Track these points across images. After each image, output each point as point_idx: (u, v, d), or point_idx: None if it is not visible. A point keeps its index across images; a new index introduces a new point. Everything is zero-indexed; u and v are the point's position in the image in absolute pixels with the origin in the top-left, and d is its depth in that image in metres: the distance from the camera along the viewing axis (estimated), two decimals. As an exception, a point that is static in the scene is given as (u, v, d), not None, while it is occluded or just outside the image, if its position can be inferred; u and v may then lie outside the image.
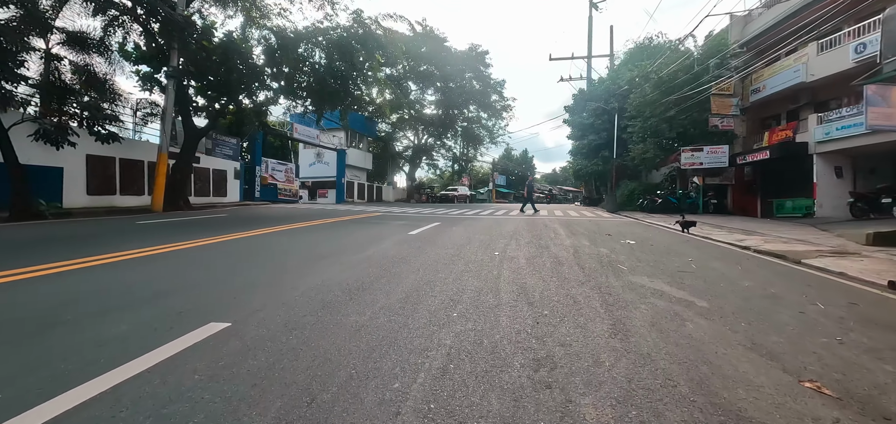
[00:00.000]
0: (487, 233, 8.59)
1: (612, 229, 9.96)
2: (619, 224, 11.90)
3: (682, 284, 4.11)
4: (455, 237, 7.72)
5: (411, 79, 44.38)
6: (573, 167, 34.52)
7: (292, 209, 17.24)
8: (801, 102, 16.40)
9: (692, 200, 18.20)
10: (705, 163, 17.87)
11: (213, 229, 8.38)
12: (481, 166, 74.34)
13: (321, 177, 34.23)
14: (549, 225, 10.79)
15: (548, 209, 20.89)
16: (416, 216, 13.90)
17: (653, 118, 19.56)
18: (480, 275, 4.39)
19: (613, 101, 26.85)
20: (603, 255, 5.86)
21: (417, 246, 6.50)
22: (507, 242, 7.19)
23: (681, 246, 7.19)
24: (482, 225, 10.64)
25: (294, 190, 27.40)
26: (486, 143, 48.50)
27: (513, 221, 12.43)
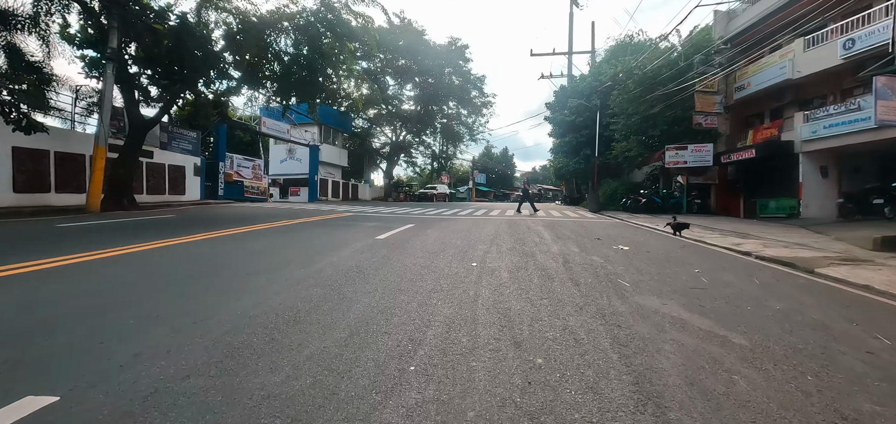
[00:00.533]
0: (465, 237, 7.75)
1: (600, 232, 9.28)
2: (606, 226, 11.27)
3: (702, 307, 3.36)
4: (428, 243, 6.85)
5: (389, 73, 43.22)
6: (554, 166, 34.15)
7: (256, 209, 16.01)
8: (786, 100, 16.22)
9: (676, 199, 17.87)
10: (689, 162, 17.54)
11: (144, 235, 7.24)
12: (461, 164, 73.77)
13: (293, 174, 32.75)
14: (533, 228, 10.04)
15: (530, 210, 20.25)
16: (389, 217, 12.96)
17: (636, 116, 19.14)
18: (453, 297, 3.53)
19: (595, 97, 26.49)
20: (597, 266, 5.09)
21: (382, 255, 5.60)
22: (486, 248, 6.36)
23: (679, 252, 6.52)
24: (460, 227, 9.80)
25: (262, 188, 25.95)
26: (465, 140, 47.75)
27: (493, 222, 11.64)
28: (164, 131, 17.87)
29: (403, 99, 43.70)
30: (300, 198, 31.47)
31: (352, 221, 11.27)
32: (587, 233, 8.98)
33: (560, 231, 9.20)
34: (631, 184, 22.80)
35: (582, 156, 27.63)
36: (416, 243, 6.88)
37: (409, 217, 13.07)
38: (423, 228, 9.53)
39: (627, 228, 10.95)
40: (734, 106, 18.56)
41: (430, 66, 39.19)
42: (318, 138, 32.47)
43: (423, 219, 12.46)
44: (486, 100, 42.07)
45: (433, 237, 7.63)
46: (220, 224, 9.34)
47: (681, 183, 18.07)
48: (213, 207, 16.75)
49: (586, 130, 26.88)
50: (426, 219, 12.49)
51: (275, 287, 3.72)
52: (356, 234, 8.05)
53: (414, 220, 11.93)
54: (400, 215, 14.46)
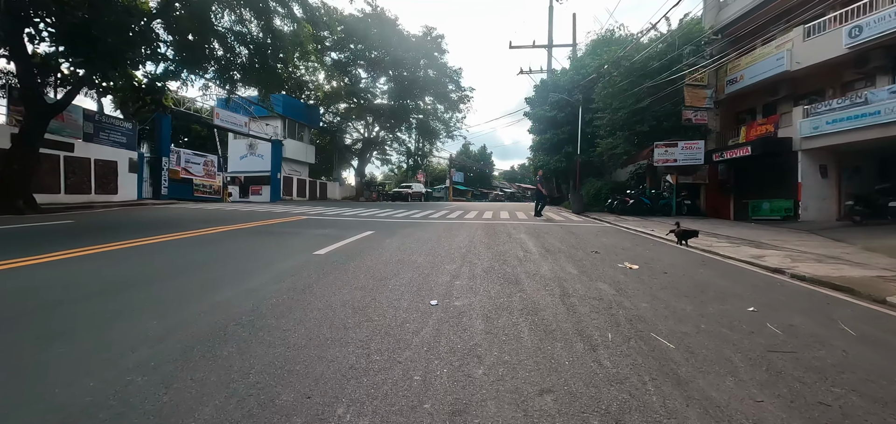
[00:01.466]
0: (431, 251, 6.19)
1: (594, 242, 7.88)
2: (598, 233, 9.92)
3: (825, 408, 1.89)
4: (380, 261, 5.25)
5: (361, 66, 41.22)
6: (534, 164, 32.98)
7: (195, 211, 14.01)
8: (781, 95, 15.35)
9: (665, 200, 16.83)
10: (680, 159, 16.51)
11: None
12: (439, 162, 72.18)
13: (254, 171, 30.44)
14: (514, 236, 8.57)
15: (509, 211, 18.88)
16: (349, 221, 11.27)
17: (622, 110, 18.01)
18: (381, 389, 1.94)
19: (577, 92, 25.40)
20: (610, 301, 3.61)
21: (306, 284, 3.97)
22: (456, 269, 4.82)
23: (703, 273, 5.14)
24: (428, 235, 8.23)
25: (216, 186, 23.66)
26: (442, 137, 46.16)
27: (468, 228, 10.12)
28: (90, 121, 15.55)
29: (377, 93, 41.82)
30: (262, 197, 29.26)
31: (300, 227, 9.54)
32: (580, 244, 7.56)
33: (547, 241, 7.75)
34: (615, 183, 21.76)
35: (563, 154, 26.50)
36: (365, 261, 5.27)
37: (372, 221, 11.41)
38: (383, 236, 7.91)
39: (623, 235, 9.62)
40: (725, 101, 17.68)
41: (403, 57, 37.47)
42: (281, 133, 30.26)
43: (388, 223, 10.83)
44: (463, 94, 40.65)
45: (390, 251, 6.04)
46: (116, 234, 7.45)
47: (670, 183, 17.06)
48: (142, 209, 14.62)
49: (568, 126, 25.77)
50: (392, 223, 10.87)
51: (66, 372, 2.05)
52: (293, 247, 6.37)
53: (377, 225, 10.29)
54: (364, 217, 12.78)
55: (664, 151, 16.60)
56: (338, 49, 40.34)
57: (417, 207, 22.43)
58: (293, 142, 32.03)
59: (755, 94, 16.33)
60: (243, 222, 10.27)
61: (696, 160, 16.43)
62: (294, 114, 31.50)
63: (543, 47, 31.85)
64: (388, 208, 19.07)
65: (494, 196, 72.59)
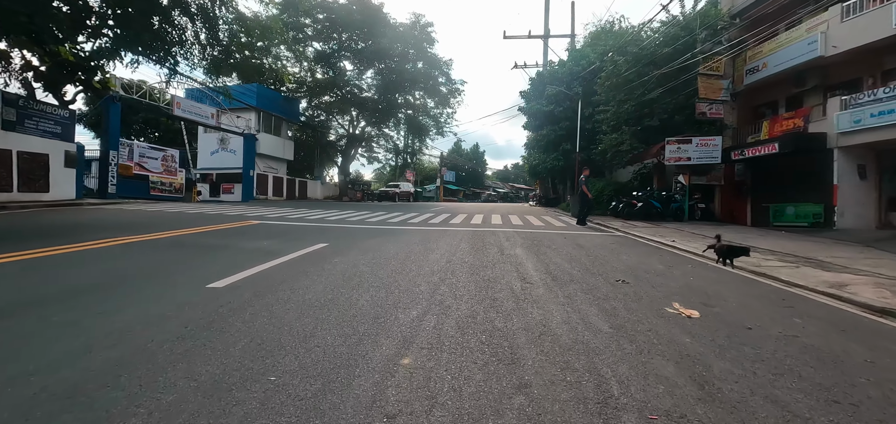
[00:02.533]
0: (389, 281, 4.35)
1: (613, 261, 6.10)
2: (612, 246, 8.15)
3: None
4: (295, 307, 3.39)
5: (347, 57, 39.16)
6: (528, 162, 31.25)
7: (134, 214, 12.02)
8: (809, 85, 13.76)
9: (678, 203, 15.14)
10: (694, 158, 14.85)
11: None
12: (430, 160, 70.26)
13: (226, 168, 28.30)
14: (508, 251, 6.76)
15: (501, 214, 17.10)
16: (307, 229, 9.39)
17: (629, 102, 16.33)
18: None
19: (577, 84, 23.73)
20: (698, 420, 1.79)
21: (105, 373, 2.10)
22: (416, 320, 3.00)
23: (797, 326, 3.35)
24: (395, 250, 6.39)
25: (177, 184, 21.54)
26: (432, 134, 44.24)
27: (450, 239, 8.29)
28: (11, 106, 13.41)
29: (363, 87, 39.77)
30: (234, 197, 27.17)
31: (238, 237, 7.64)
32: (596, 264, 5.76)
33: (551, 259, 5.95)
34: (618, 184, 20.08)
35: (560, 151, 24.79)
36: (275, 303, 3.41)
37: (337, 228, 9.53)
38: (335, 252, 6.05)
39: (645, 250, 7.86)
40: (742, 93, 16.06)
41: (390, 48, 35.51)
42: (255, 126, 28.18)
43: (354, 231, 8.96)
44: (454, 87, 38.77)
45: (327, 282, 4.18)
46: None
47: (682, 184, 15.39)
48: (67, 211, 12.57)
49: (566, 121, 24.07)
50: (358, 231, 9.00)
51: None
52: (199, 270, 4.53)
53: (339, 233, 8.42)
54: (330, 222, 10.89)
55: (676, 148, 14.92)
56: (321, 39, 38.31)
57: (401, 208, 20.57)
58: (269, 137, 29.92)
59: (778, 85, 14.73)
60: (178, 228, 8.34)
61: (713, 159, 14.78)
62: (270, 106, 29.38)
63: (539, 38, 30.14)
64: (366, 211, 17.18)
65: (487, 196, 70.94)
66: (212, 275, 4.28)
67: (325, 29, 36.26)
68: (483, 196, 71.18)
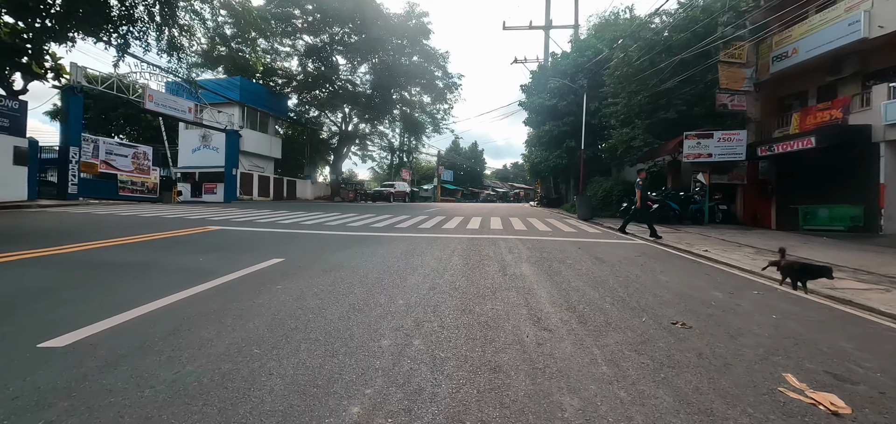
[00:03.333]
0: (341, 330, 2.95)
1: (650, 284, 4.69)
2: (640, 260, 6.75)
3: None
4: (139, 405, 1.98)
5: (340, 52, 37.72)
6: (529, 161, 29.82)
7: (82, 218, 10.60)
8: (845, 73, 12.39)
9: (698, 205, 13.76)
10: (716, 154, 13.47)
11: None
12: (427, 159, 68.80)
13: (208, 166, 26.82)
14: (511, 268, 5.36)
15: (501, 216, 15.72)
16: (272, 237, 7.97)
17: (642, 93, 14.96)
18: None
19: (582, 76, 22.35)
20: None
21: None
22: (364, 418, 1.60)
23: None
24: (366, 270, 4.99)
25: (151, 183, 20.07)
26: (428, 131, 42.81)
27: (439, 251, 6.90)
28: (-54, 95, 12.00)
29: (357, 82, 38.31)
30: (216, 197, 25.73)
31: (171, 250, 6.22)
32: (629, 290, 4.35)
33: (570, 283, 4.55)
34: (628, 184, 18.69)
35: (564, 149, 23.42)
36: (107, 394, 2.00)
37: (307, 236, 8.12)
38: (287, 273, 4.64)
39: (683, 266, 6.46)
40: (767, 83, 14.68)
41: (384, 40, 34.10)
42: (239, 122, 26.72)
43: (326, 239, 7.55)
44: (451, 81, 37.32)
45: (238, 338, 2.76)
46: None
47: (702, 183, 14.01)
48: (3, 216, 11.16)
49: (570, 116, 22.70)
50: (333, 239, 7.59)
51: None
52: (45, 315, 3.10)
53: (308, 241, 7.01)
54: (304, 227, 9.47)
55: (696, 143, 13.54)
56: (312, 32, 36.86)
57: (393, 210, 19.17)
58: (254, 133, 28.45)
59: (809, 73, 13.35)
60: (111, 237, 6.93)
61: (736, 155, 13.40)
62: (255, 101, 27.88)
63: (540, 29, 28.77)
64: (353, 212, 15.77)
65: (485, 196, 69.56)
66: (67, 321, 2.86)
67: (315, 21, 34.87)
68: (482, 196, 69.79)
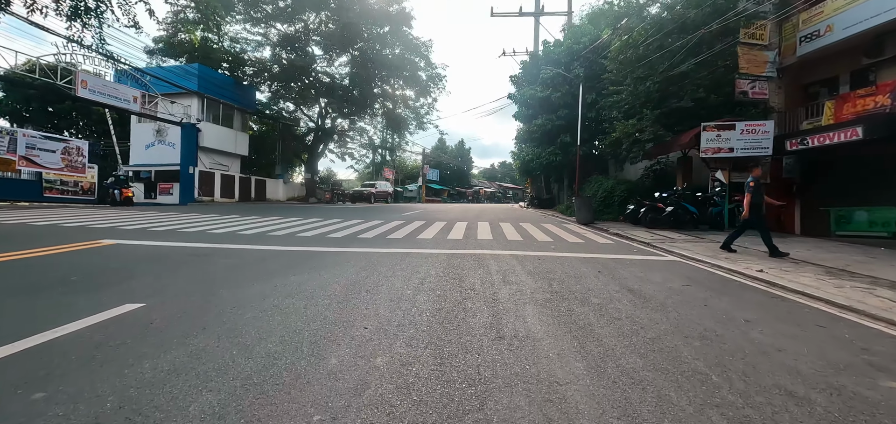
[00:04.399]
0: None
1: (751, 353, 2.77)
2: (688, 289, 4.86)
3: None
4: None
5: (316, 42, 35.39)
6: (519, 158, 27.99)
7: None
8: (885, 54, 10.80)
9: (718, 207, 12.04)
10: (738, 148, 11.76)
11: None
12: (413, 158, 66.66)
13: (164, 164, 24.36)
14: (510, 318, 3.41)
15: (490, 221, 13.83)
16: (182, 253, 5.89)
17: (651, 79, 13.22)
18: None
19: (577, 65, 20.63)
20: None
21: None
22: None
23: None
24: (249, 342, 2.99)
25: (86, 183, 17.65)
26: (412, 127, 40.74)
27: (403, 276, 4.93)
28: None
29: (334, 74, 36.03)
30: (173, 198, 23.32)
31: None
32: (726, 377, 2.43)
33: (619, 364, 2.60)
34: (630, 183, 16.98)
35: (558, 144, 21.65)
36: None
37: (228, 252, 6.05)
38: (121, 343, 2.62)
39: (766, 305, 4.59)
40: (790, 68, 13.08)
41: (362, 28, 31.95)
42: (198, 115, 24.31)
43: (246, 260, 5.50)
44: (435, 73, 35.28)
45: None
46: None
47: (722, 182, 12.30)
48: None
49: (564, 109, 20.95)
50: (255, 259, 5.54)
51: None
52: None
53: (211, 267, 4.96)
54: (240, 238, 7.40)
55: (715, 136, 11.81)
56: (284, 19, 34.49)
57: (366, 213, 17.13)
58: (216, 128, 26.02)
59: (841, 55, 11.76)
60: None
61: (762, 150, 11.71)
62: (217, 92, 25.42)
63: (531, 15, 27.00)
64: (317, 217, 13.69)
65: (473, 196, 67.78)
66: None
67: (287, 7, 32.54)
68: (469, 196, 68.00)
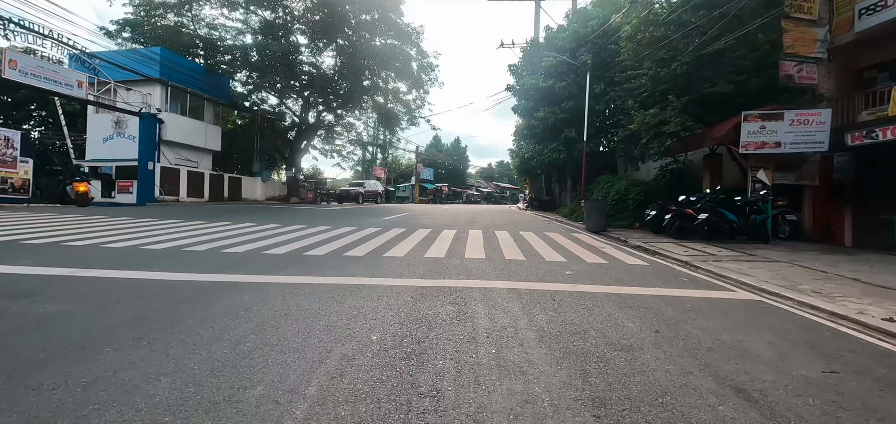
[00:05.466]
0: None
1: None
2: (802, 356, 2.76)
3: None
4: None
5: (301, 31, 33.24)
6: (518, 156, 25.93)
7: None
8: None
9: (762, 216, 10.01)
10: (787, 142, 9.79)
11: None
12: (406, 156, 64.47)
13: (125, 159, 22.17)
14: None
15: (483, 228, 11.82)
16: (24, 282, 3.79)
17: (678, 61, 11.23)
18: None
19: (583, 51, 18.65)
20: None
21: None
22: None
23: None
24: None
25: (19, 181, 15.48)
26: (403, 123, 38.60)
27: (327, 335, 2.81)
28: None
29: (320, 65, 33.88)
30: (133, 197, 21.13)
31: None
32: None
33: None
34: (645, 185, 14.97)
35: (562, 140, 19.65)
36: None
37: (81, 284, 3.97)
38: None
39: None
40: (842, 48, 11.11)
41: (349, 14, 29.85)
42: (160, 105, 22.12)
43: (127, 291, 3.42)
44: (427, 61, 33.16)
45: None
46: None
47: (765, 184, 10.31)
48: None
49: (570, 101, 18.95)
50: (112, 293, 3.46)
51: None
52: None
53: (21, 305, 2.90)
54: (144, 259, 5.31)
55: (759, 128, 9.82)
56: (266, 6, 32.32)
57: (341, 218, 15.09)
58: (183, 119, 23.82)
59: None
60: None
61: (816, 145, 9.74)
62: (183, 79, 23.14)
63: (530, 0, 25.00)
64: (276, 222, 11.61)
65: (468, 197, 65.74)
66: None
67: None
68: (464, 196, 65.95)
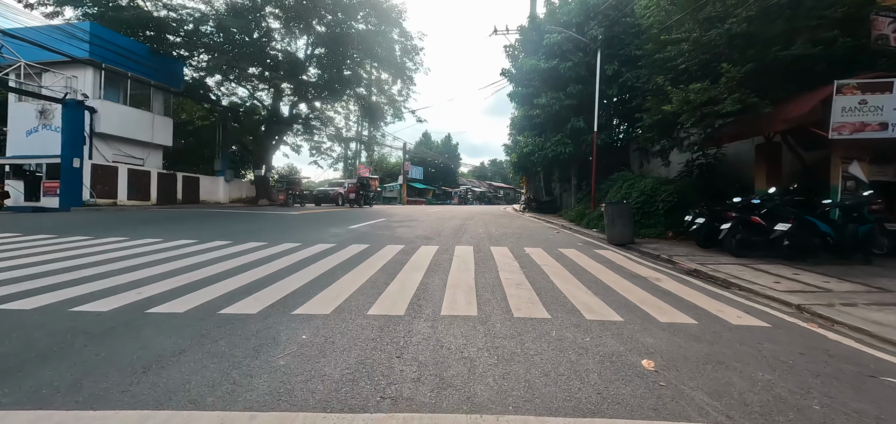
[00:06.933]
0: None
1: None
2: None
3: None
4: None
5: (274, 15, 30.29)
6: (516, 151, 23.08)
7: None
8: None
9: (869, 225, 7.34)
10: (894, 123, 7.17)
11: None
12: (394, 153, 61.55)
13: (52, 155, 19.08)
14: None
15: (477, 240, 9.07)
16: None
17: (733, 20, 8.58)
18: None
19: (595, 26, 15.99)
20: None
21: None
22: None
23: None
24: None
25: None
26: (388, 117, 35.75)
27: None
28: None
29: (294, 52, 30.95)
30: (57, 200, 18.14)
31: None
32: None
33: None
34: (677, 185, 12.23)
35: (569, 131, 16.93)
36: None
37: None
38: None
39: None
40: (950, 2, 8.53)
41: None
42: (92, 91, 19.07)
43: None
44: (411, 43, 30.33)
45: None
46: None
47: (862, 180, 7.71)
48: None
49: (577, 84, 16.26)
50: None
51: None
52: None
53: None
54: None
55: (858, 102, 7.20)
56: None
57: (300, 224, 12.30)
58: (122, 108, 20.69)
59: None
60: None
61: (937, 127, 7.13)
62: (121, 61, 19.82)
63: (530, -27, 22.31)
64: (211, 235, 8.77)
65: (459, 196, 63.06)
66: None
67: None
68: (454, 196, 63.27)
